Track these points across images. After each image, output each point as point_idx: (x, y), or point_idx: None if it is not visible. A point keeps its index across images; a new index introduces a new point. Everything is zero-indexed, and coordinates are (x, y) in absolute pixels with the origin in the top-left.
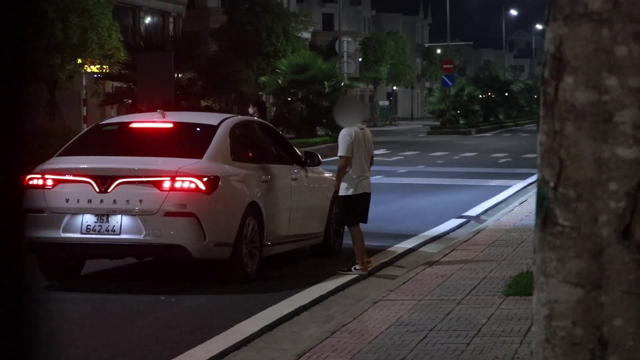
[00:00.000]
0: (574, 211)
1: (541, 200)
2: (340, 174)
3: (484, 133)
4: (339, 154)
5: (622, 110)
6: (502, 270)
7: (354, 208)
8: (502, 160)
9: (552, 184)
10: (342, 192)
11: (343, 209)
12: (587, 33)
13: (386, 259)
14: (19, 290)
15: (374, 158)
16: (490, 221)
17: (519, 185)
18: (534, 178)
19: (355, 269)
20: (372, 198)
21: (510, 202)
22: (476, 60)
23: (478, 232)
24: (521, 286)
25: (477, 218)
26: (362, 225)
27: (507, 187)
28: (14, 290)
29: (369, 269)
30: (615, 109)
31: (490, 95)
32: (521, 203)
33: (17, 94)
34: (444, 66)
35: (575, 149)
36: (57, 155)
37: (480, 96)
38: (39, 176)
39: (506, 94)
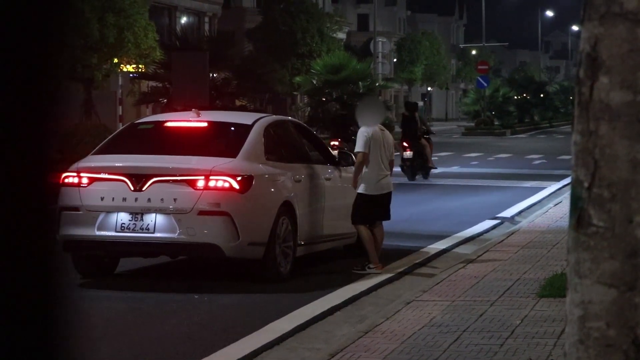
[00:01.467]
0: (608, 212)
1: (575, 200)
2: (358, 170)
3: (518, 134)
4: (355, 149)
5: None
6: (536, 271)
7: (368, 208)
8: (537, 162)
9: (586, 184)
10: (358, 189)
11: (356, 205)
12: (623, 33)
13: (419, 260)
14: (53, 288)
15: (394, 161)
16: (524, 223)
17: (553, 186)
18: (568, 180)
19: (369, 267)
20: (406, 198)
21: (545, 204)
22: (511, 61)
23: (512, 234)
24: (555, 288)
25: (511, 219)
26: (394, 225)
27: (542, 188)
28: (49, 287)
29: (383, 268)
30: None
31: (526, 97)
32: (556, 205)
33: (54, 92)
34: (479, 67)
35: (610, 149)
36: (93, 154)
37: (516, 97)
38: (75, 174)
39: (541, 95)
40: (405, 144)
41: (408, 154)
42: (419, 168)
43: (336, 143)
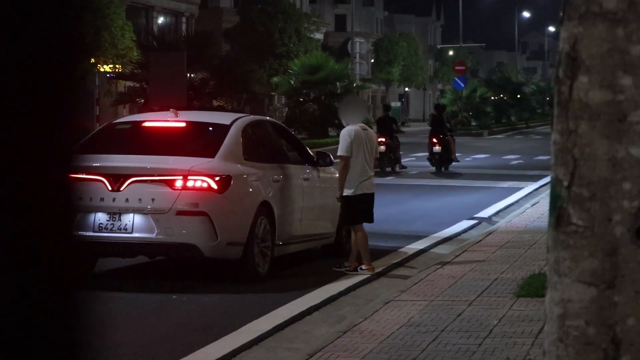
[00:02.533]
0: (587, 210)
1: (555, 199)
2: (342, 175)
3: (495, 135)
4: (338, 153)
5: (637, 109)
6: (514, 271)
7: (355, 208)
8: (514, 162)
9: (565, 183)
10: (344, 192)
11: (343, 209)
12: (602, 32)
13: (397, 260)
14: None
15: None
16: (502, 223)
17: (531, 187)
18: (546, 180)
19: (361, 269)
20: (384, 199)
21: (522, 204)
22: (488, 62)
23: (490, 234)
24: (533, 287)
25: (488, 219)
26: (371, 226)
27: (519, 188)
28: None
29: (375, 270)
30: (630, 109)
31: (503, 97)
32: (533, 205)
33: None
34: (456, 68)
35: (590, 148)
36: (71, 154)
37: (493, 98)
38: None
39: (518, 96)
40: (434, 139)
41: (437, 148)
42: (445, 161)
43: (383, 139)
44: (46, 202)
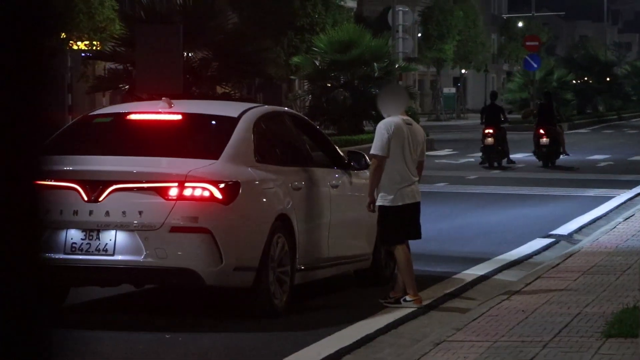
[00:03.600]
0: None
1: None
2: (373, 178)
3: (578, 129)
4: (371, 151)
5: None
6: (602, 304)
7: (393, 223)
8: (602, 164)
9: None
10: (378, 202)
11: (379, 223)
12: None
13: (452, 289)
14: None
15: (424, 163)
16: (586, 242)
17: (623, 196)
18: None
19: (405, 300)
20: (434, 212)
21: (612, 218)
22: (569, 36)
23: (570, 256)
24: (626, 325)
25: (569, 237)
26: (418, 246)
27: (609, 198)
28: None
29: (423, 302)
30: None
31: (587, 81)
32: (626, 219)
33: None
34: (527, 44)
35: None
36: (38, 155)
37: (574, 82)
38: None
39: (608, 79)
40: (541, 130)
41: (545, 140)
42: (553, 155)
43: (490, 131)
44: (4, 217)
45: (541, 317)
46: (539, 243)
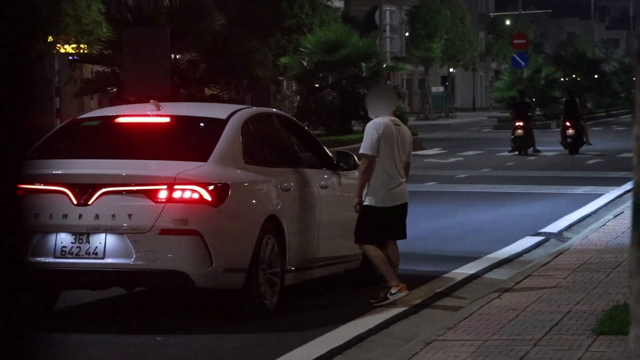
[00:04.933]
0: None
1: (638, 211)
2: (363, 178)
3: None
4: (360, 151)
5: None
6: (592, 302)
7: (373, 223)
8: (591, 162)
9: None
10: (365, 202)
11: (359, 220)
12: None
13: (442, 288)
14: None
15: (410, 164)
16: (575, 239)
17: (612, 193)
18: (632, 184)
19: (391, 294)
20: (424, 211)
21: (602, 215)
22: (556, 34)
23: (560, 254)
24: (616, 322)
25: (559, 235)
26: (408, 245)
27: (598, 195)
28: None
29: (407, 290)
30: None
31: (575, 78)
32: (616, 216)
33: None
34: (515, 42)
35: None
36: (23, 159)
37: (562, 79)
38: None
39: (596, 76)
40: (567, 123)
41: (571, 132)
42: (578, 144)
43: (521, 123)
44: None
45: (532, 315)
46: (529, 241)
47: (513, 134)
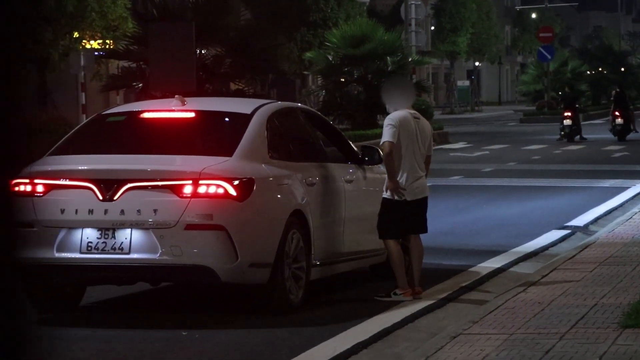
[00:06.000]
0: None
1: None
2: (389, 162)
3: (593, 120)
4: (380, 142)
5: None
6: (618, 295)
7: (394, 216)
8: (617, 155)
9: None
10: (384, 194)
11: (380, 215)
12: None
13: (468, 282)
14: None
15: (431, 158)
16: (602, 233)
17: (639, 186)
18: None
19: (394, 294)
20: (449, 205)
21: (628, 208)
22: (583, 27)
23: (586, 247)
24: None
25: (584, 229)
26: (434, 239)
27: (624, 189)
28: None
29: (419, 296)
30: None
31: (602, 72)
32: None
33: (6, 77)
34: (541, 35)
35: None
36: (49, 155)
37: (589, 72)
38: (27, 181)
39: (622, 70)
40: (617, 112)
41: (620, 120)
42: (626, 131)
43: (569, 114)
44: None
45: (557, 308)
46: (554, 235)
47: (562, 123)
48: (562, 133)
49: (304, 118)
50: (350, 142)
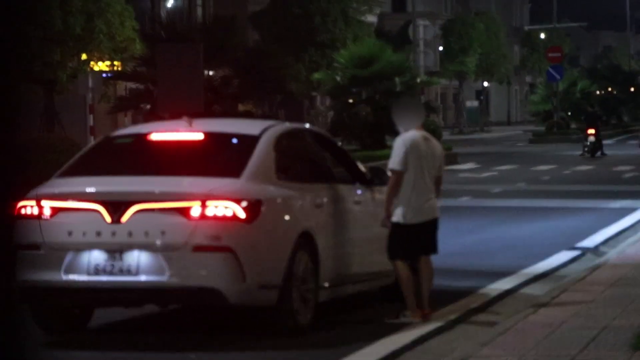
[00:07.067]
0: None
1: None
2: (391, 193)
3: (603, 140)
4: (388, 166)
5: None
6: (630, 317)
7: (401, 240)
8: (627, 175)
9: None
10: (393, 218)
11: (389, 237)
12: None
13: (477, 304)
14: (11, 349)
15: (442, 179)
16: (612, 254)
17: None
18: None
19: (404, 316)
20: (458, 226)
21: (639, 229)
22: (592, 46)
23: (597, 268)
24: None
25: (595, 250)
26: (442, 260)
27: (635, 209)
28: (6, 348)
29: (428, 318)
30: None
31: (611, 92)
32: None
33: (7, 99)
34: (550, 55)
35: None
36: (57, 177)
37: (598, 92)
38: (34, 203)
39: (632, 89)
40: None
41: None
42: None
43: (592, 131)
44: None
45: (568, 330)
46: (565, 256)
47: (586, 139)
48: (586, 149)
49: (312, 139)
50: (359, 163)
